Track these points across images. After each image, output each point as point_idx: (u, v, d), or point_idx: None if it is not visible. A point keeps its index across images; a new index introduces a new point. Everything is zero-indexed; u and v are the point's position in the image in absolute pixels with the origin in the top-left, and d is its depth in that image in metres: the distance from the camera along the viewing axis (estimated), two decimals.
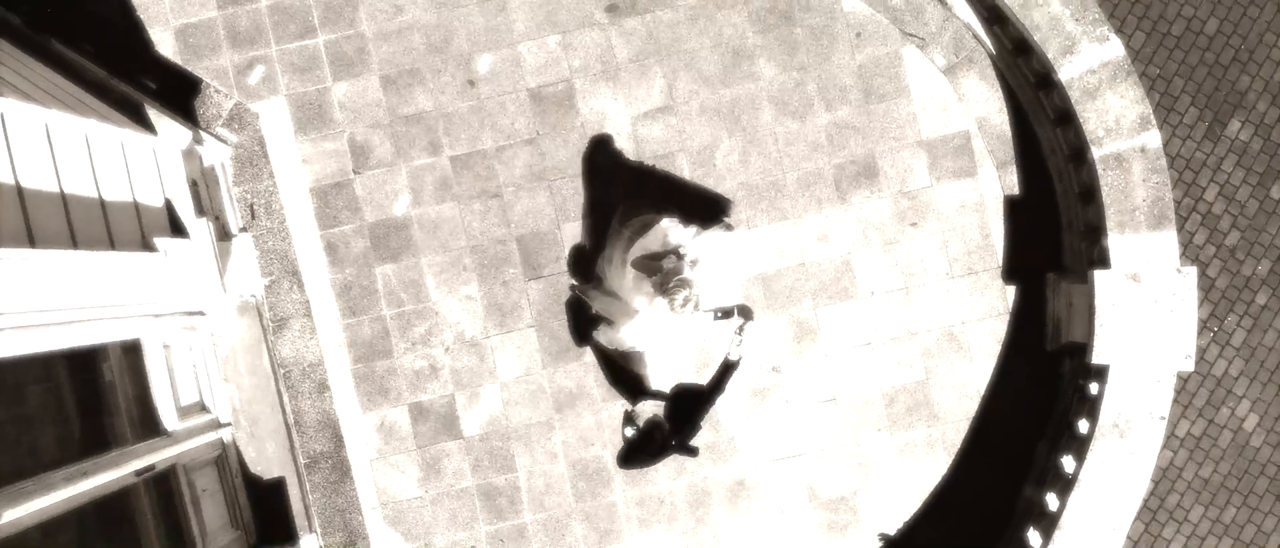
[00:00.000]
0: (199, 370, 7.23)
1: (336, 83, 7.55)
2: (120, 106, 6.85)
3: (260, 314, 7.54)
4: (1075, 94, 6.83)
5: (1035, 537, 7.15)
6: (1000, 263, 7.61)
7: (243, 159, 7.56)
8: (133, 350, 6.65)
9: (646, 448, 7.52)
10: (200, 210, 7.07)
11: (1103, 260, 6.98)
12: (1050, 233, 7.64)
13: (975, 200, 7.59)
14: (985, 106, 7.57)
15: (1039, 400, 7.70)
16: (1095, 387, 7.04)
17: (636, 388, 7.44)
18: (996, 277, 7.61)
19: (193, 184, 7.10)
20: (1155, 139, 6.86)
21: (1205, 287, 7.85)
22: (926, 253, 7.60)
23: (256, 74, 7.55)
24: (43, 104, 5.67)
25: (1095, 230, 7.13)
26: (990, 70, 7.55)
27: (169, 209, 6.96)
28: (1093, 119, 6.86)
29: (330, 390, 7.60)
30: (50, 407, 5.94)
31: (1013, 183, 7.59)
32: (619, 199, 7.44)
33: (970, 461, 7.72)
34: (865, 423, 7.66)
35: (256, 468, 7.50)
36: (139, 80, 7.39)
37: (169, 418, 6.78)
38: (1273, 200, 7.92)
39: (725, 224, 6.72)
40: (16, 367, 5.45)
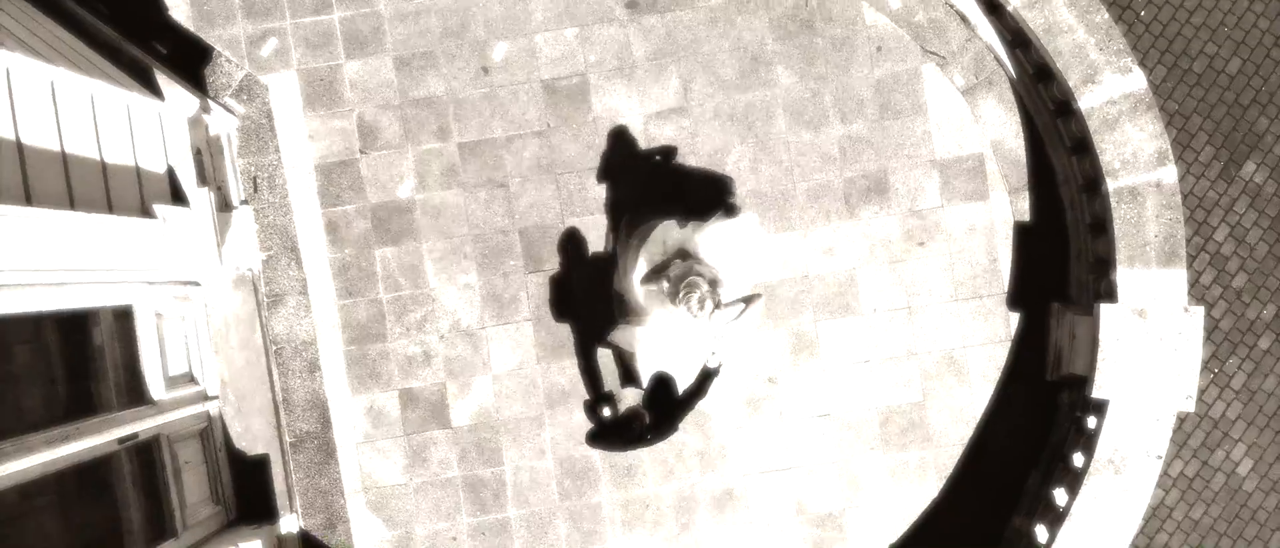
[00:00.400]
0: (190, 341, 7.18)
1: (349, 61, 7.49)
2: (129, 70, 6.81)
3: (256, 289, 7.50)
4: (1094, 124, 6.77)
5: None
6: (1005, 289, 7.56)
7: (249, 131, 7.51)
8: (124, 317, 6.61)
9: (622, 434, 7.41)
10: (202, 180, 7.03)
11: (1110, 294, 6.93)
12: (1058, 262, 7.59)
13: (985, 224, 7.53)
14: (1002, 130, 7.51)
15: (1034, 431, 7.64)
16: (1093, 421, 6.99)
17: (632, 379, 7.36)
18: (1001, 302, 7.56)
19: (197, 153, 7.06)
20: (1171, 175, 6.80)
21: (1209, 327, 7.81)
22: (932, 274, 7.55)
23: (269, 46, 7.49)
24: (50, 61, 5.61)
25: (1104, 263, 7.08)
26: (1009, 94, 7.50)
27: (171, 176, 6.92)
28: (1110, 150, 6.81)
29: (321, 371, 7.55)
30: (37, 368, 5.91)
31: (1024, 209, 7.54)
32: (625, 198, 7.42)
33: (961, 486, 7.66)
34: (858, 441, 7.61)
35: (241, 444, 7.45)
36: (150, 44, 7.34)
37: (156, 387, 6.73)
38: None
39: (727, 207, 6.56)
40: (5, 325, 5.42)
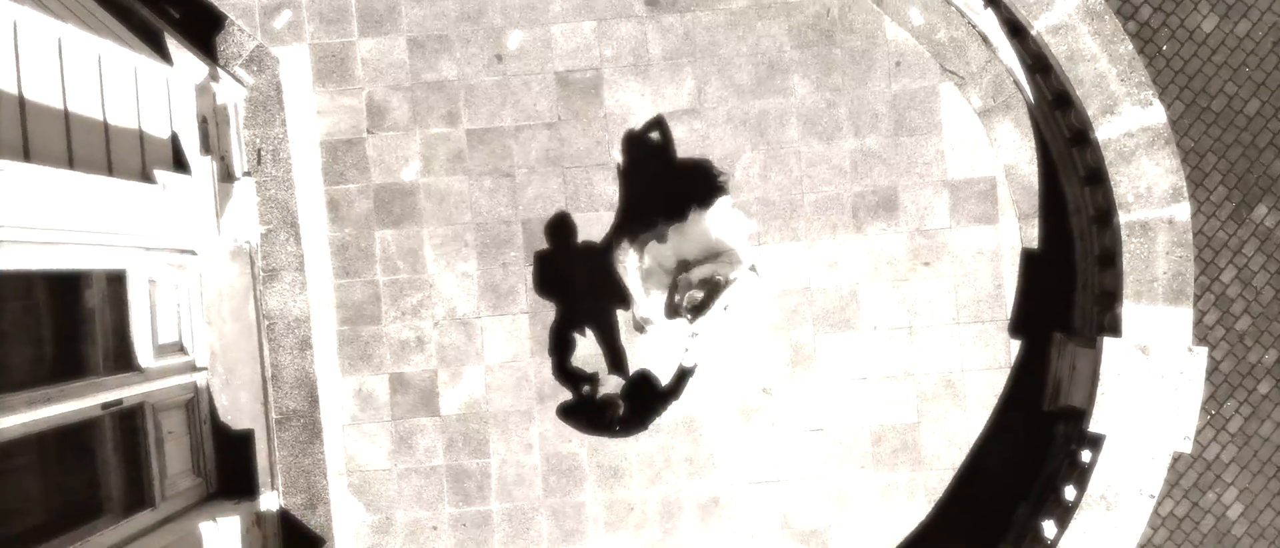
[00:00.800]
0: (182, 310, 7.15)
1: (363, 38, 7.43)
2: (139, 32, 6.77)
3: (252, 262, 7.46)
4: (1110, 155, 6.72)
5: None
6: (1008, 315, 7.51)
7: (257, 102, 7.47)
8: (117, 281, 6.58)
9: (593, 418, 7.48)
10: (206, 148, 7.03)
11: (1114, 328, 6.88)
12: (1063, 292, 7.54)
13: (992, 248, 7.48)
14: (1016, 155, 7.46)
15: (1027, 461, 7.60)
16: (1088, 454, 6.95)
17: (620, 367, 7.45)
18: (1002, 329, 7.50)
19: (202, 121, 7.05)
20: (1184, 212, 6.75)
21: (1209, 369, 7.74)
22: (935, 295, 7.49)
23: (283, 18, 7.44)
24: (59, 17, 5.55)
25: (1110, 296, 7.03)
26: (1026, 118, 7.44)
27: (174, 143, 6.92)
28: (1124, 183, 6.76)
29: (312, 349, 7.50)
30: (27, 326, 5.89)
31: (1033, 236, 7.48)
32: (630, 196, 7.41)
33: (949, 511, 7.61)
34: (849, 458, 7.55)
35: (227, 417, 7.42)
36: (163, 7, 7.28)
37: (144, 354, 6.70)
38: None
39: (700, 200, 6.52)
40: None
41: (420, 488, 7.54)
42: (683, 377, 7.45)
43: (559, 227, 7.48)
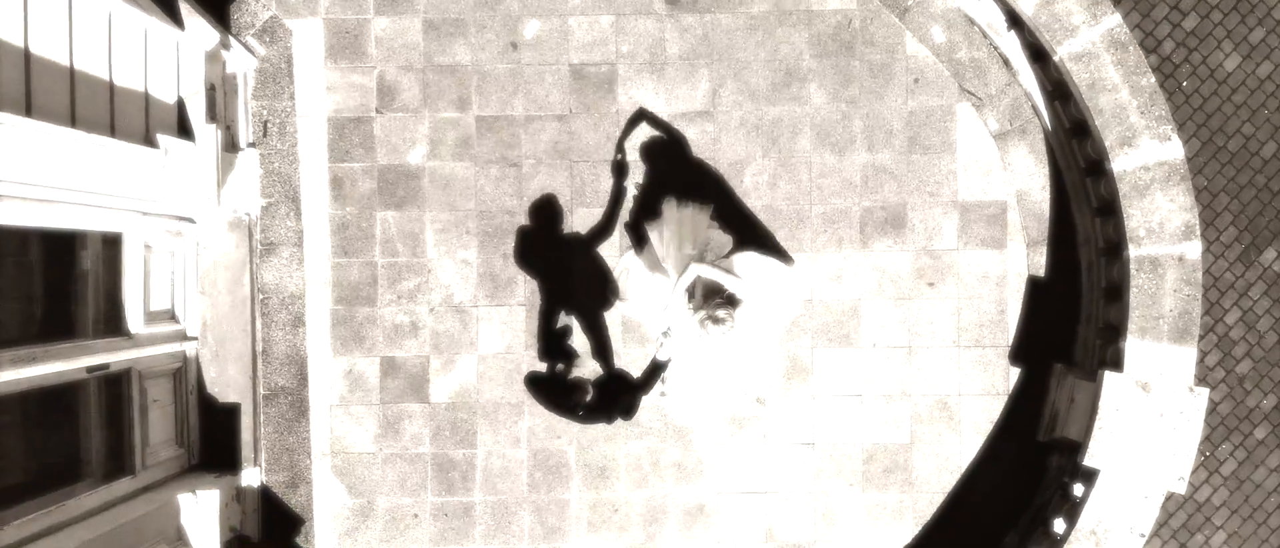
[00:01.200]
0: (176, 279, 7.11)
1: (378, 16, 7.37)
2: None
3: (251, 234, 7.42)
4: (1124, 187, 6.65)
5: None
6: (1010, 342, 7.45)
7: (267, 74, 7.40)
8: (113, 244, 6.56)
9: (559, 398, 7.44)
10: (212, 117, 7.02)
11: (1115, 362, 6.82)
12: (1066, 323, 7.47)
13: (998, 273, 7.41)
14: (1028, 181, 7.39)
15: (1018, 490, 7.53)
16: (1080, 488, 6.88)
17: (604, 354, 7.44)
18: (1003, 355, 7.44)
19: (210, 88, 7.03)
20: (1195, 250, 6.69)
21: (1207, 409, 7.67)
22: (938, 316, 7.43)
23: None
24: None
25: (1114, 330, 6.98)
26: (1041, 145, 7.38)
27: (180, 109, 6.91)
28: (1136, 217, 6.69)
29: (305, 327, 7.44)
30: (19, 284, 5.87)
31: (1040, 263, 7.42)
32: (636, 194, 7.35)
33: (936, 536, 7.56)
34: (839, 475, 7.49)
35: (214, 389, 7.37)
36: None
37: (135, 320, 6.67)
38: None
39: (778, 250, 6.59)
40: None
41: (404, 474, 7.48)
42: (654, 373, 7.37)
43: (555, 213, 7.44)
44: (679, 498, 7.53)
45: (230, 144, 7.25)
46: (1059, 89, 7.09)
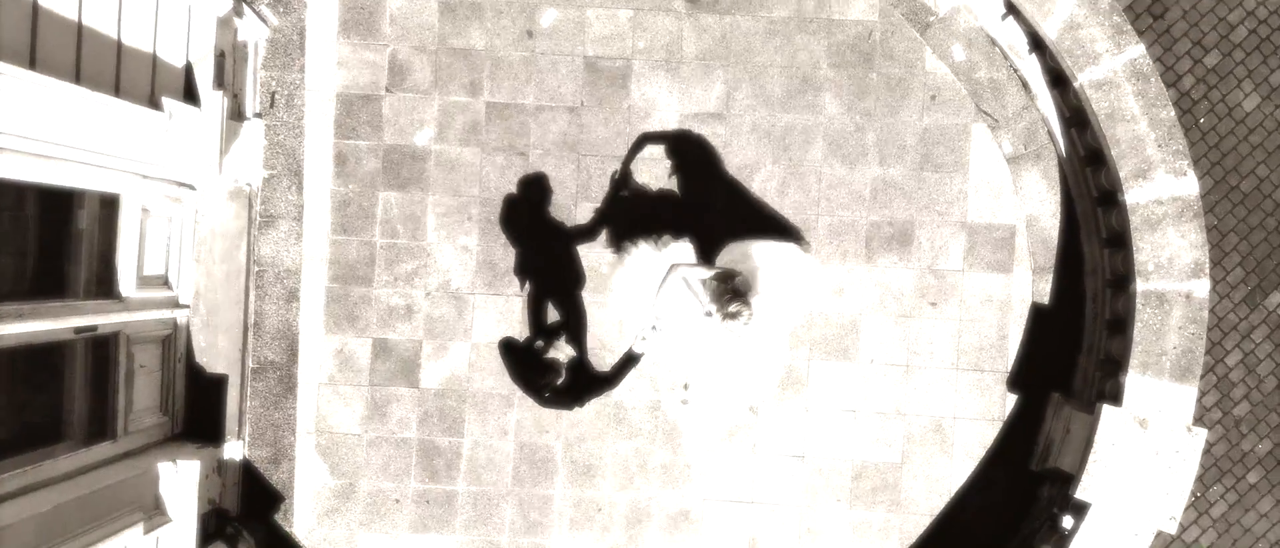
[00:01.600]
0: (171, 245, 7.06)
1: None
2: None
3: (250, 205, 7.37)
4: (1136, 220, 6.60)
5: None
6: (1009, 368, 7.39)
7: (278, 44, 7.35)
8: (110, 205, 6.50)
9: (529, 377, 7.39)
10: (219, 84, 6.94)
11: (1114, 396, 6.77)
12: (1067, 353, 7.41)
13: (1002, 298, 7.35)
14: (1039, 207, 7.33)
15: (1007, 517, 7.48)
16: (1069, 521, 6.84)
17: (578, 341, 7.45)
18: (1001, 381, 7.39)
19: (220, 55, 6.97)
20: (1203, 289, 6.63)
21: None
22: (938, 337, 7.37)
23: None
24: None
25: (1115, 364, 6.93)
26: (1055, 171, 7.32)
27: (187, 73, 6.85)
28: (1146, 250, 6.63)
29: (299, 302, 7.39)
30: (13, 239, 5.82)
31: (1045, 291, 7.36)
32: (643, 192, 7.32)
33: None
34: (827, 490, 7.43)
35: (202, 359, 7.33)
36: None
37: (127, 284, 6.61)
38: None
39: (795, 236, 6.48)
40: None
41: (389, 458, 7.42)
42: (626, 365, 7.35)
43: (559, 204, 7.39)
44: (664, 502, 7.47)
45: (236, 113, 7.19)
46: (1077, 116, 7.03)
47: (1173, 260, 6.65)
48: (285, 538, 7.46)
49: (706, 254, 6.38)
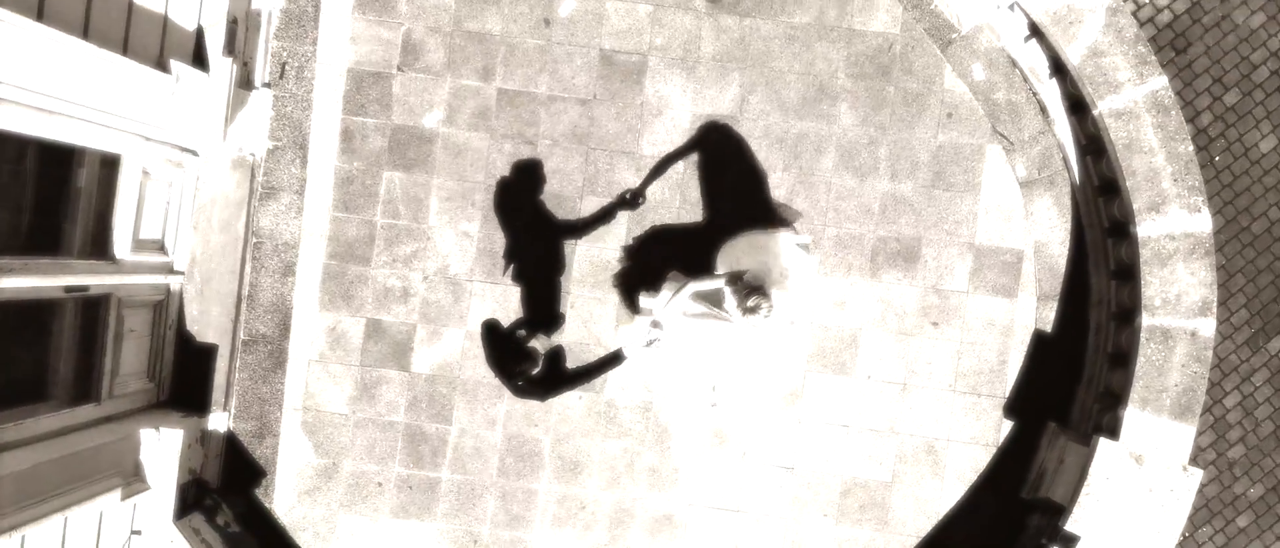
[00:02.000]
0: (170, 210, 7.00)
1: None
2: None
3: (253, 176, 7.29)
4: (1146, 253, 6.54)
5: None
6: (1006, 394, 7.32)
7: (292, 15, 7.27)
8: (111, 165, 6.43)
9: (504, 363, 7.32)
10: (230, 50, 6.88)
11: (1111, 430, 6.72)
12: (1066, 383, 7.34)
13: (1005, 323, 7.28)
14: (1049, 234, 7.26)
15: (995, 545, 7.39)
16: None
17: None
18: (998, 406, 7.31)
19: (232, 21, 6.91)
20: (1209, 328, 6.57)
21: None
22: (937, 357, 7.29)
23: None
24: None
25: (1114, 398, 6.87)
26: (1067, 199, 7.25)
27: (198, 37, 6.78)
28: (1155, 285, 6.57)
29: (295, 277, 7.32)
30: (10, 192, 5.76)
31: (1048, 318, 7.29)
32: (649, 192, 7.26)
33: None
34: (814, 503, 7.36)
35: (193, 327, 7.26)
36: None
37: (122, 246, 6.56)
38: None
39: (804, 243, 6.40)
40: None
41: (374, 440, 7.35)
42: (607, 364, 7.31)
43: (565, 197, 7.31)
44: (649, 504, 7.40)
45: (245, 81, 7.11)
46: (1093, 144, 6.97)
47: (1181, 297, 6.59)
48: (264, 514, 7.39)
49: (709, 253, 6.29)
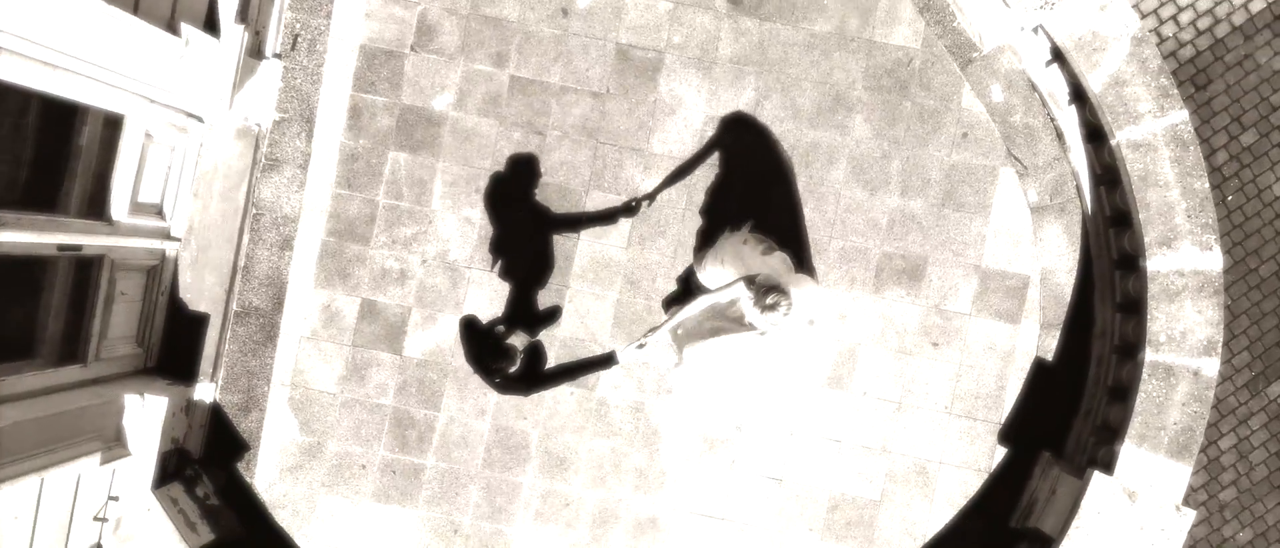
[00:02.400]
0: (170, 175, 6.92)
1: None
2: None
3: (257, 146, 7.22)
4: (1154, 288, 6.46)
5: None
6: (1002, 420, 7.24)
7: None
8: (113, 126, 6.35)
9: (483, 357, 7.26)
10: (242, 18, 6.83)
11: (1106, 464, 6.65)
12: (1064, 413, 7.27)
13: (1006, 348, 7.20)
14: (1057, 261, 7.18)
15: None
16: None
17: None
18: (993, 432, 7.24)
19: None
20: (1212, 368, 6.50)
21: None
22: (935, 379, 7.22)
23: None
24: None
25: (1112, 432, 6.80)
26: (1077, 227, 7.17)
27: (211, 2, 6.71)
28: (1160, 321, 6.50)
29: (293, 251, 7.25)
30: (9, 146, 5.69)
31: (1050, 347, 7.21)
32: (656, 192, 7.19)
33: None
34: (801, 517, 7.29)
35: (186, 295, 7.19)
36: None
37: (119, 208, 6.48)
38: None
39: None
40: None
41: (361, 422, 7.28)
42: (595, 365, 7.25)
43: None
44: (634, 506, 7.33)
45: (255, 50, 7.04)
46: (1108, 174, 6.89)
47: (1186, 335, 6.52)
48: (245, 488, 7.31)
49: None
